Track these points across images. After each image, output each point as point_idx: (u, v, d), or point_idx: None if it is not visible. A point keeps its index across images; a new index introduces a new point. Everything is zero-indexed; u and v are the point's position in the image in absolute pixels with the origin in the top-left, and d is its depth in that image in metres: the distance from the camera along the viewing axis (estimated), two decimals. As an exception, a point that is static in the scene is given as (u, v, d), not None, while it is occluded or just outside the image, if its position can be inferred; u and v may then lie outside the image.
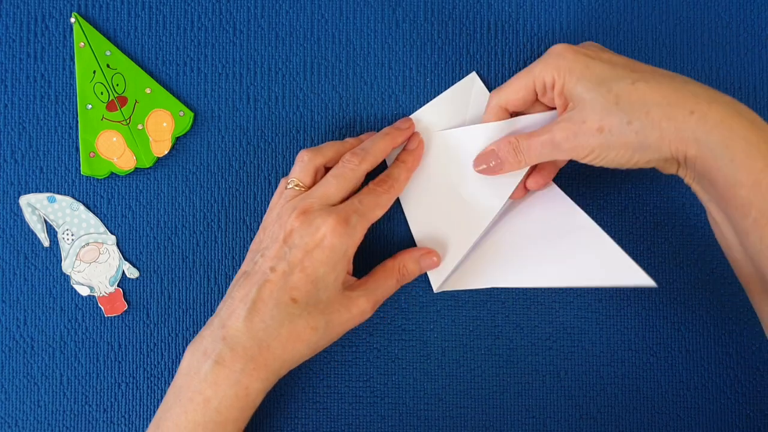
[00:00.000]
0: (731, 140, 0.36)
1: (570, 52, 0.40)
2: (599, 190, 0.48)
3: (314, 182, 0.44)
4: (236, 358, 0.39)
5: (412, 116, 0.48)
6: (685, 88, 0.37)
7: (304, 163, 0.44)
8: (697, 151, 0.37)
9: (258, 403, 0.41)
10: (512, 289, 0.47)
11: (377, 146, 0.44)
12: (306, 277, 0.40)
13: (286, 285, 0.40)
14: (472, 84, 0.48)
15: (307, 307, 0.40)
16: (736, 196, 0.36)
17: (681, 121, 0.36)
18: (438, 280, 0.46)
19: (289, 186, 0.43)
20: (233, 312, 0.40)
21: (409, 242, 0.47)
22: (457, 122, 0.47)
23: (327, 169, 0.45)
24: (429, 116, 0.48)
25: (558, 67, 0.39)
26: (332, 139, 0.48)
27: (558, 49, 0.40)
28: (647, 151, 0.38)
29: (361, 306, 0.42)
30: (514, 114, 0.44)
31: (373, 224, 0.43)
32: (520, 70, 0.48)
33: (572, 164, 0.46)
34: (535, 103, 0.43)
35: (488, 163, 0.43)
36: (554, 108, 0.42)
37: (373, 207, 0.42)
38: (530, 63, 0.48)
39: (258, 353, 0.39)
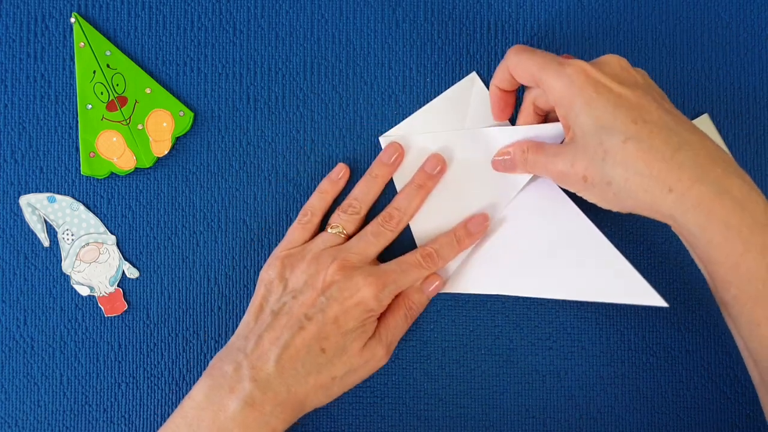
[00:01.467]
0: (709, 223, 0.35)
1: (581, 79, 0.37)
2: (599, 190, 0.48)
3: (357, 232, 0.45)
4: (266, 401, 0.41)
5: (412, 116, 0.48)
6: (674, 159, 0.35)
7: (358, 216, 0.45)
8: (675, 226, 0.37)
9: None
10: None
11: (412, 205, 0.46)
12: (338, 329, 0.41)
13: (319, 335, 0.41)
14: (472, 84, 0.48)
15: (333, 357, 0.42)
16: (716, 272, 0.36)
17: (658, 197, 0.36)
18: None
19: (332, 231, 0.45)
20: (263, 353, 0.41)
21: (409, 242, 0.47)
22: (457, 122, 0.47)
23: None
24: (429, 117, 0.48)
25: (562, 94, 0.38)
26: (332, 139, 0.48)
27: (572, 70, 0.37)
28: (626, 208, 0.38)
29: (377, 354, 0.43)
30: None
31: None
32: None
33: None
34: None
35: (503, 160, 0.44)
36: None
37: (410, 282, 0.44)
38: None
39: (287, 398, 0.41)
